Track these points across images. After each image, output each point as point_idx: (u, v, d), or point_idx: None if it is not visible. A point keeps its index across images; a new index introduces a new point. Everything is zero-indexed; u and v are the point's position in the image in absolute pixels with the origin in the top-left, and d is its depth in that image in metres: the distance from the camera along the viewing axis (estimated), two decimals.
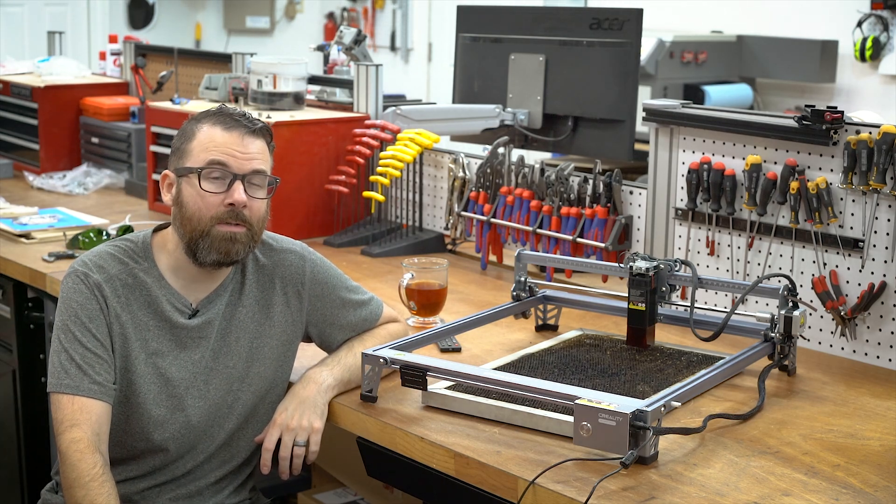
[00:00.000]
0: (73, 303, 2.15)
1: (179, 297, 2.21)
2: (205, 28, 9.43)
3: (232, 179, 2.15)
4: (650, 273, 2.39)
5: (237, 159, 2.16)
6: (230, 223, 2.15)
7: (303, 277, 2.31)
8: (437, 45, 7.81)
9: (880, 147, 2.38)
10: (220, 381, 2.23)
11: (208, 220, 2.15)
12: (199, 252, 2.16)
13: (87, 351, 2.12)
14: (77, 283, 2.16)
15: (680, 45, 5.63)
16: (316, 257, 2.35)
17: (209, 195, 2.15)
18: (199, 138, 2.17)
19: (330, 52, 4.01)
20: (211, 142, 2.16)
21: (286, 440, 2.19)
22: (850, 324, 2.48)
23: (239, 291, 2.26)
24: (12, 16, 8.35)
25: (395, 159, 3.34)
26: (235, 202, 2.14)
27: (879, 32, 5.60)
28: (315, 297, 2.32)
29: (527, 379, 2.07)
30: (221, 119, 2.18)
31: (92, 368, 2.11)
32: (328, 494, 3.16)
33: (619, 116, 3.37)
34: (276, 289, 2.29)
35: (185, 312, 2.21)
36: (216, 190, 2.15)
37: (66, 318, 2.15)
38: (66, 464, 2.06)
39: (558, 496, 1.81)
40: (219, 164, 2.15)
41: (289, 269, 2.30)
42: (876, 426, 2.12)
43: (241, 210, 2.15)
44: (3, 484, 3.39)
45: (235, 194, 2.14)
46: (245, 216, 2.16)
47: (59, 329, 2.16)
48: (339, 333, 2.36)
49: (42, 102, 4.41)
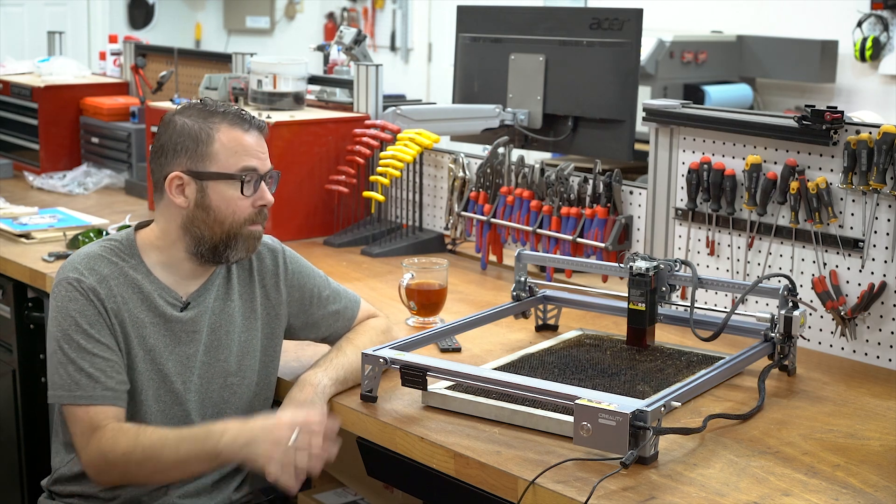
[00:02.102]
0: (71, 311, 2.13)
1: (170, 291, 2.22)
2: (205, 28, 9.42)
3: (258, 180, 2.20)
4: (650, 273, 2.39)
5: (261, 160, 2.22)
6: (258, 223, 2.23)
7: (278, 269, 2.34)
8: (437, 45, 7.81)
9: (880, 147, 2.38)
10: (215, 375, 2.24)
11: (242, 223, 2.20)
12: (228, 252, 2.21)
13: (94, 357, 2.11)
14: (70, 291, 2.14)
15: (680, 45, 5.63)
16: (288, 250, 2.40)
17: (244, 199, 2.19)
18: (223, 142, 2.18)
19: (330, 52, 4.01)
20: (239, 146, 2.18)
21: None
22: (850, 324, 2.48)
23: (226, 286, 2.29)
24: (12, 16, 8.35)
25: (395, 159, 3.34)
26: (268, 203, 2.22)
27: (879, 32, 5.60)
28: (292, 287, 2.35)
29: (527, 379, 2.07)
30: (236, 120, 2.20)
31: (104, 374, 2.11)
32: (328, 494, 3.16)
33: (619, 116, 3.37)
34: (255, 283, 2.32)
35: (177, 305, 2.22)
36: (250, 194, 2.20)
37: (67, 328, 2.12)
38: (108, 458, 2.06)
39: (558, 496, 1.81)
40: (252, 169, 2.19)
41: (264, 262, 2.34)
42: (876, 426, 2.12)
43: (265, 209, 2.23)
44: (3, 484, 3.39)
45: (267, 195, 2.23)
46: (266, 214, 2.25)
47: (59, 339, 2.13)
48: (322, 323, 2.38)
49: (42, 102, 4.41)
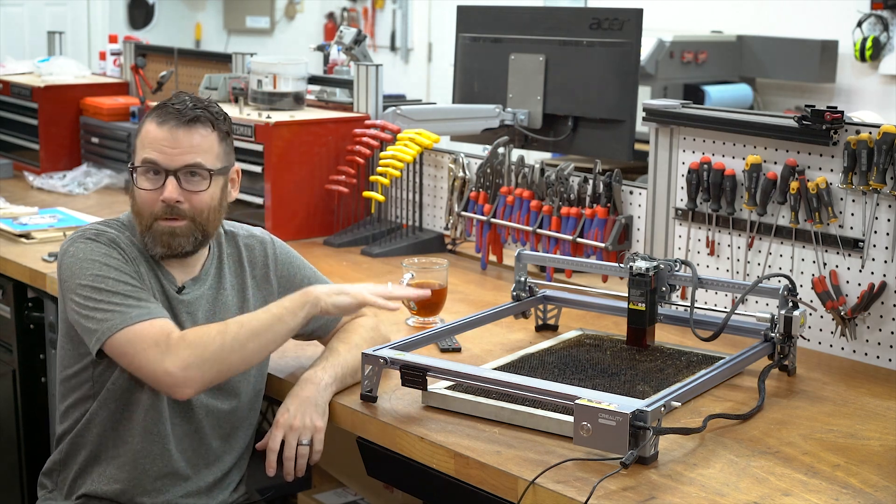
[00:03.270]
0: (95, 256, 2.12)
1: (167, 274, 2.24)
2: (205, 28, 9.42)
3: (165, 176, 2.17)
4: (650, 273, 2.39)
5: (167, 155, 2.17)
6: (168, 218, 2.17)
7: (267, 260, 2.35)
8: (437, 45, 7.81)
9: (880, 147, 2.38)
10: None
11: (149, 217, 2.18)
12: (149, 244, 2.20)
13: (130, 287, 2.10)
14: (89, 244, 2.14)
15: (680, 45, 5.63)
16: (277, 241, 2.40)
17: (146, 192, 2.18)
18: (141, 135, 2.20)
19: (330, 52, 4.01)
20: (146, 138, 2.19)
21: (290, 440, 2.18)
22: (850, 324, 2.48)
23: (218, 277, 2.29)
24: (12, 16, 8.34)
25: (395, 159, 3.34)
26: (165, 199, 2.16)
27: (879, 32, 5.60)
28: (282, 277, 2.36)
29: (527, 379, 2.07)
30: (159, 113, 2.19)
31: (146, 298, 2.10)
32: (328, 494, 3.16)
33: (619, 116, 3.37)
34: (246, 275, 2.32)
35: (174, 287, 2.24)
36: (152, 187, 2.17)
37: (94, 272, 2.10)
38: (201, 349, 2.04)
39: (558, 496, 1.81)
40: (151, 162, 2.17)
41: (253, 253, 2.34)
42: (876, 426, 2.12)
43: (175, 205, 2.17)
44: (3, 483, 3.39)
45: (165, 191, 2.16)
46: (183, 210, 2.18)
47: (87, 287, 2.09)
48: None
49: (42, 102, 4.41)
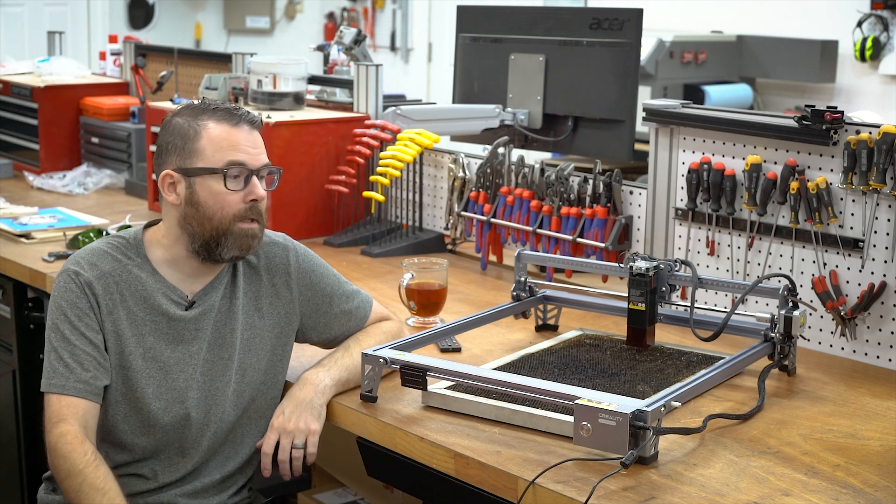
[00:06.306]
0: (63, 301, 2.17)
1: (175, 290, 2.22)
2: (205, 28, 9.42)
3: (248, 176, 2.18)
4: (650, 273, 2.39)
5: (251, 155, 2.19)
6: (250, 220, 2.20)
7: (289, 267, 2.32)
8: (437, 45, 7.81)
9: (880, 147, 2.38)
10: (217, 373, 2.23)
11: (230, 219, 2.18)
12: (220, 249, 2.19)
13: (75, 348, 2.14)
14: (67, 282, 2.17)
15: (680, 45, 5.63)
16: (300, 247, 2.37)
17: (231, 194, 2.17)
18: (210, 137, 2.18)
19: (330, 52, 4.01)
20: (225, 140, 2.18)
21: (284, 443, 2.18)
22: (850, 324, 2.48)
23: (232, 284, 2.28)
24: (12, 16, 8.34)
25: (395, 159, 3.34)
26: (258, 198, 2.19)
27: (879, 32, 5.60)
28: (304, 286, 2.33)
29: (527, 379, 2.07)
30: (225, 115, 2.19)
31: (80, 366, 2.13)
32: (328, 494, 3.16)
33: (619, 116, 3.37)
34: (263, 282, 2.30)
35: (182, 304, 2.22)
36: (237, 188, 2.18)
37: (56, 318, 2.17)
38: (57, 457, 2.08)
39: (558, 496, 1.81)
40: (238, 164, 2.17)
41: (274, 260, 2.32)
42: (876, 426, 2.12)
43: (256, 205, 2.19)
44: (3, 484, 3.39)
45: (257, 190, 2.19)
46: (260, 210, 2.21)
47: (49, 329, 2.18)
48: (334, 322, 2.36)
49: (42, 102, 4.41)
